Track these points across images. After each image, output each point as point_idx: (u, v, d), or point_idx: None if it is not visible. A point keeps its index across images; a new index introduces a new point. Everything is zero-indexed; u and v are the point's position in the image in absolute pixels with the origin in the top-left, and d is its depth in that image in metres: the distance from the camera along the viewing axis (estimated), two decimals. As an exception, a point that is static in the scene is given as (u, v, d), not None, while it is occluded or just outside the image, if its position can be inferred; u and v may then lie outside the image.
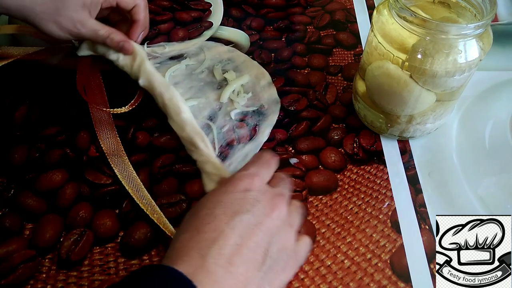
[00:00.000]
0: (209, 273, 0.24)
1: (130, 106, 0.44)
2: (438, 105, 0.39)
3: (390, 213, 0.40)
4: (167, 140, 0.44)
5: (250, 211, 0.27)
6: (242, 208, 0.27)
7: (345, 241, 0.38)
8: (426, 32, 0.34)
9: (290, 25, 0.57)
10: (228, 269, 0.25)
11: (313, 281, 0.36)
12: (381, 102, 0.41)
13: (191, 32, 0.53)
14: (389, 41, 0.36)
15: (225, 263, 0.25)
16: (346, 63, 0.53)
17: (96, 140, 0.43)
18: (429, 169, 0.43)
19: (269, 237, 0.27)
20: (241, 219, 0.27)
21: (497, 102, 0.49)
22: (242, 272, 0.25)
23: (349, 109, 0.47)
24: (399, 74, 0.37)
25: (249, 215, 0.27)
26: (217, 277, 0.24)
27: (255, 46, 0.54)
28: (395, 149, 0.44)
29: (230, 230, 0.26)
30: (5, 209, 0.39)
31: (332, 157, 0.43)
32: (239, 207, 0.27)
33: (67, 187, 0.40)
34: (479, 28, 0.33)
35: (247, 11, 0.59)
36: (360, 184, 0.42)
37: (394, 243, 0.38)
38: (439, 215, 0.37)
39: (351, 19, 0.58)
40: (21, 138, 0.44)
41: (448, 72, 0.35)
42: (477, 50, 0.35)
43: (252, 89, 0.46)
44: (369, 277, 0.36)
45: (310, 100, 0.48)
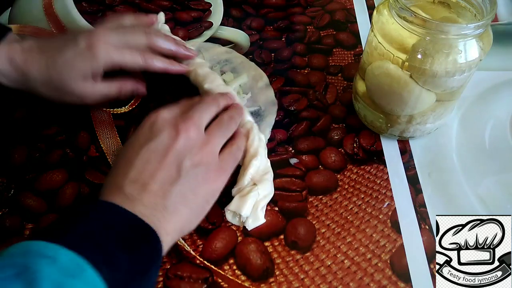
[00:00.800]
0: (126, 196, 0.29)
1: (130, 106, 0.44)
2: (438, 105, 0.39)
3: (390, 213, 0.40)
4: (167, 140, 0.44)
5: (154, 140, 0.31)
6: (147, 140, 0.31)
7: (345, 241, 0.38)
8: (426, 32, 0.34)
9: (290, 25, 0.57)
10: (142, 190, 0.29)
11: (313, 281, 0.36)
12: (381, 102, 0.41)
13: (191, 32, 0.53)
14: (389, 41, 0.36)
15: (140, 186, 0.29)
16: (346, 63, 0.53)
17: (96, 140, 0.43)
18: (429, 169, 0.43)
19: (179, 156, 0.30)
20: (147, 148, 0.31)
21: (497, 102, 0.49)
22: (156, 188, 0.29)
23: (349, 109, 0.47)
24: (399, 74, 0.37)
25: (154, 143, 0.31)
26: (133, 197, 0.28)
27: (255, 46, 0.54)
28: (395, 149, 0.44)
29: (137, 158, 0.30)
30: (5, 209, 0.39)
31: (332, 157, 0.43)
32: (144, 139, 0.31)
33: (67, 187, 0.40)
34: (479, 28, 0.33)
35: (247, 11, 0.59)
36: (360, 184, 0.42)
37: (394, 243, 0.38)
38: (439, 215, 0.37)
39: (351, 19, 0.58)
40: (21, 138, 0.44)
41: (448, 72, 0.35)
42: (477, 50, 0.35)
43: (250, 90, 0.46)
44: (369, 277, 0.36)
45: (310, 100, 0.48)
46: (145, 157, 0.30)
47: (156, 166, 0.30)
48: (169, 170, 0.30)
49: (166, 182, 0.30)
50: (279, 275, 0.36)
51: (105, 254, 0.25)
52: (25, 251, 0.24)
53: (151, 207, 0.29)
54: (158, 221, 0.28)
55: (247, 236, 0.38)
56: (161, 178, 0.30)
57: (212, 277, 0.36)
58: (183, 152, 0.31)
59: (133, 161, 0.30)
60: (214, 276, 0.36)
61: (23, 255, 0.23)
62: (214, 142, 0.33)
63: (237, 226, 0.38)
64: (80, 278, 0.23)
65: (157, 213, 0.29)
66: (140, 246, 0.27)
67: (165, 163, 0.30)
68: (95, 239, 0.25)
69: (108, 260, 0.25)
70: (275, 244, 0.38)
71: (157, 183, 0.29)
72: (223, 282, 0.35)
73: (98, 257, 0.24)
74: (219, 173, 0.33)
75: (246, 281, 0.35)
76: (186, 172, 0.30)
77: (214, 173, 0.32)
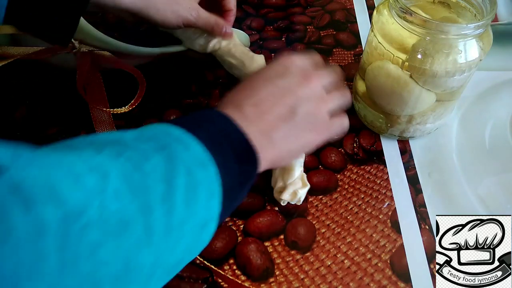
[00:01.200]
0: (244, 116, 0.30)
1: (130, 106, 0.44)
2: (438, 105, 0.39)
3: (390, 213, 0.40)
4: (167, 140, 0.44)
5: (284, 78, 0.33)
6: (277, 76, 0.33)
7: (345, 241, 0.38)
8: (426, 32, 0.34)
9: (290, 25, 0.57)
10: (259, 116, 0.31)
11: (313, 281, 0.36)
12: (381, 102, 0.41)
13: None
14: (389, 41, 0.36)
15: (258, 112, 0.31)
16: (346, 63, 0.53)
17: (96, 140, 0.43)
18: (429, 169, 0.43)
19: (297, 100, 0.32)
20: (275, 82, 0.33)
21: (497, 102, 0.49)
22: (271, 119, 0.31)
23: (349, 109, 0.47)
24: (399, 74, 0.37)
25: (283, 81, 0.33)
26: (250, 119, 0.30)
27: (255, 46, 0.54)
28: (395, 149, 0.44)
29: (263, 88, 0.32)
30: (5, 209, 0.39)
31: (332, 157, 0.43)
32: (275, 75, 0.33)
33: (67, 187, 0.40)
34: (479, 28, 0.33)
35: (247, 11, 0.59)
36: (360, 184, 0.42)
37: (394, 243, 0.38)
38: (439, 215, 0.37)
39: (351, 19, 0.58)
40: (21, 138, 0.44)
41: (448, 72, 0.35)
42: (477, 50, 0.35)
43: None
44: (369, 277, 0.36)
45: (310, 100, 0.48)
46: (270, 90, 0.32)
47: (276, 101, 0.32)
48: (285, 109, 0.32)
49: (280, 118, 0.32)
50: (279, 275, 0.36)
51: (224, 157, 0.27)
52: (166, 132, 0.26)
53: (261, 133, 0.30)
54: (261, 147, 0.30)
55: (247, 236, 0.38)
56: (277, 113, 0.32)
57: (212, 277, 0.36)
58: (303, 99, 0.33)
59: (259, 89, 0.33)
60: (214, 276, 0.36)
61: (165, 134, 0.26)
62: (330, 103, 0.35)
63: (237, 226, 0.38)
64: (205, 170, 0.25)
65: (263, 140, 0.30)
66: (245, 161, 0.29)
67: (284, 101, 0.32)
68: (218, 141, 0.27)
69: (225, 164, 0.27)
70: (275, 244, 0.38)
71: (272, 115, 0.31)
72: (223, 282, 0.35)
73: (219, 158, 0.26)
74: (323, 129, 0.35)
75: (246, 281, 0.35)
76: (299, 116, 0.32)
77: (320, 127, 0.34)
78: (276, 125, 0.31)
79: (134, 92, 0.44)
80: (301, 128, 0.33)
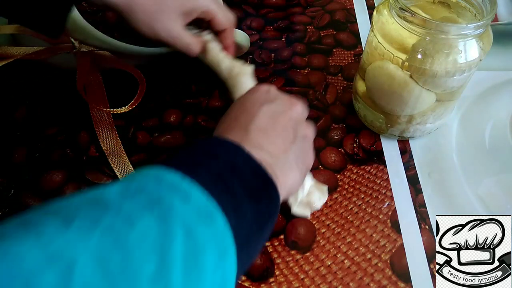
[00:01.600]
0: (252, 142, 0.27)
1: (130, 106, 0.44)
2: (438, 105, 0.39)
3: (390, 213, 0.40)
4: (167, 140, 0.44)
5: (274, 102, 0.31)
6: (266, 101, 0.31)
7: (345, 241, 0.38)
8: (426, 32, 0.34)
9: (290, 25, 0.57)
10: (268, 139, 0.28)
11: (313, 281, 0.36)
12: (381, 102, 0.41)
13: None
14: (389, 41, 0.36)
15: (264, 135, 0.28)
16: (346, 63, 0.53)
17: (96, 140, 0.43)
18: (429, 169, 0.43)
19: (294, 123, 0.31)
20: (268, 107, 0.30)
21: (497, 102, 0.49)
22: (280, 142, 0.29)
23: (349, 109, 0.47)
24: (399, 74, 0.37)
25: (274, 105, 0.31)
26: (260, 144, 0.28)
27: (255, 46, 0.54)
28: (395, 149, 0.44)
29: (261, 113, 0.30)
30: (5, 209, 0.39)
31: (332, 157, 0.43)
32: (264, 100, 0.31)
33: (67, 187, 0.40)
34: (479, 28, 0.33)
35: (247, 11, 0.59)
36: (360, 184, 0.42)
37: (394, 243, 0.38)
38: (439, 215, 0.37)
39: (351, 19, 0.58)
40: (21, 138, 0.44)
41: (448, 72, 0.35)
42: (477, 50, 0.35)
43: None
44: (369, 277, 0.36)
45: (310, 100, 0.48)
46: (267, 112, 0.30)
47: (277, 124, 0.30)
48: (288, 131, 0.30)
49: (288, 140, 0.30)
50: (279, 275, 0.36)
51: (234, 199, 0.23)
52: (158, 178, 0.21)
53: (274, 157, 0.28)
54: (276, 174, 0.27)
55: (247, 236, 0.38)
56: (285, 135, 0.30)
57: (212, 277, 0.35)
58: (296, 121, 0.31)
59: (256, 112, 0.30)
60: (214, 276, 0.36)
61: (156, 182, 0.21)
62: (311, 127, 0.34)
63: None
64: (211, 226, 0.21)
65: (278, 165, 0.28)
66: (263, 197, 0.25)
67: (284, 123, 0.30)
68: (225, 181, 0.23)
69: (236, 208, 0.23)
70: (275, 244, 0.38)
71: (281, 138, 0.29)
72: (223, 282, 0.35)
73: (228, 203, 0.22)
74: (313, 154, 0.34)
75: (246, 281, 0.35)
76: (298, 138, 0.31)
77: (311, 151, 0.33)
78: (286, 148, 0.29)
79: (134, 92, 0.44)
80: (303, 151, 0.32)
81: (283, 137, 0.29)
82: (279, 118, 0.30)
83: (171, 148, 0.44)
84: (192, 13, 0.39)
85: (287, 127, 0.30)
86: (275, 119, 0.30)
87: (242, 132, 0.28)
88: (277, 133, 0.29)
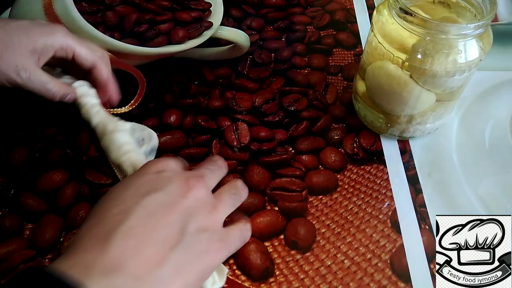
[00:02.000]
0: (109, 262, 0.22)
1: (130, 106, 0.44)
2: (438, 105, 0.39)
3: (390, 213, 0.40)
4: (167, 140, 0.44)
5: (163, 190, 0.26)
6: (153, 188, 0.26)
7: (345, 241, 0.38)
8: (426, 32, 0.34)
9: (290, 25, 0.57)
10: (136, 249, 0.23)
11: (313, 281, 0.36)
12: (381, 102, 0.41)
13: (191, 32, 0.53)
14: (389, 41, 0.36)
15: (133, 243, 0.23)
16: (346, 63, 0.53)
17: (96, 140, 0.43)
18: (429, 169, 0.43)
19: (185, 216, 0.26)
20: (153, 198, 0.25)
21: (497, 102, 0.49)
22: (153, 252, 0.24)
23: (349, 109, 0.47)
24: (399, 74, 0.37)
25: (162, 194, 0.26)
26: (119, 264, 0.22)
27: (255, 46, 0.54)
28: (395, 149, 0.44)
29: (139, 208, 0.25)
30: (5, 209, 0.39)
31: (332, 157, 0.43)
32: (151, 187, 0.26)
33: (67, 187, 0.40)
34: (479, 28, 0.33)
35: (247, 11, 0.59)
36: (360, 184, 0.42)
37: (394, 243, 0.38)
38: (439, 215, 0.37)
39: (351, 19, 0.58)
40: (21, 138, 0.44)
41: (448, 72, 0.35)
42: (477, 50, 0.35)
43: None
44: (369, 277, 0.36)
45: (310, 100, 0.48)
46: (147, 206, 0.25)
47: (157, 222, 0.25)
48: (172, 230, 0.25)
49: (166, 244, 0.24)
50: (279, 275, 0.36)
51: None
52: None
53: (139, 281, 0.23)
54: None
55: (247, 236, 0.38)
56: (161, 238, 0.24)
57: (212, 277, 0.35)
58: (190, 212, 0.26)
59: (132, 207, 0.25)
60: (214, 276, 0.36)
61: None
62: (222, 210, 0.28)
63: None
64: None
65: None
66: None
67: (169, 220, 0.25)
68: None
69: None
70: (275, 244, 0.38)
71: (155, 245, 0.24)
72: (223, 282, 0.35)
73: None
74: (221, 246, 0.27)
75: (246, 281, 0.35)
76: (189, 236, 0.25)
77: (217, 244, 0.27)
78: (163, 257, 0.24)
79: (134, 92, 0.44)
80: (194, 252, 0.25)
81: (162, 240, 0.24)
82: (164, 212, 0.25)
83: (171, 148, 0.44)
84: (47, 51, 0.34)
85: (172, 223, 0.25)
86: (157, 215, 0.25)
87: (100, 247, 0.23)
88: (153, 236, 0.24)
